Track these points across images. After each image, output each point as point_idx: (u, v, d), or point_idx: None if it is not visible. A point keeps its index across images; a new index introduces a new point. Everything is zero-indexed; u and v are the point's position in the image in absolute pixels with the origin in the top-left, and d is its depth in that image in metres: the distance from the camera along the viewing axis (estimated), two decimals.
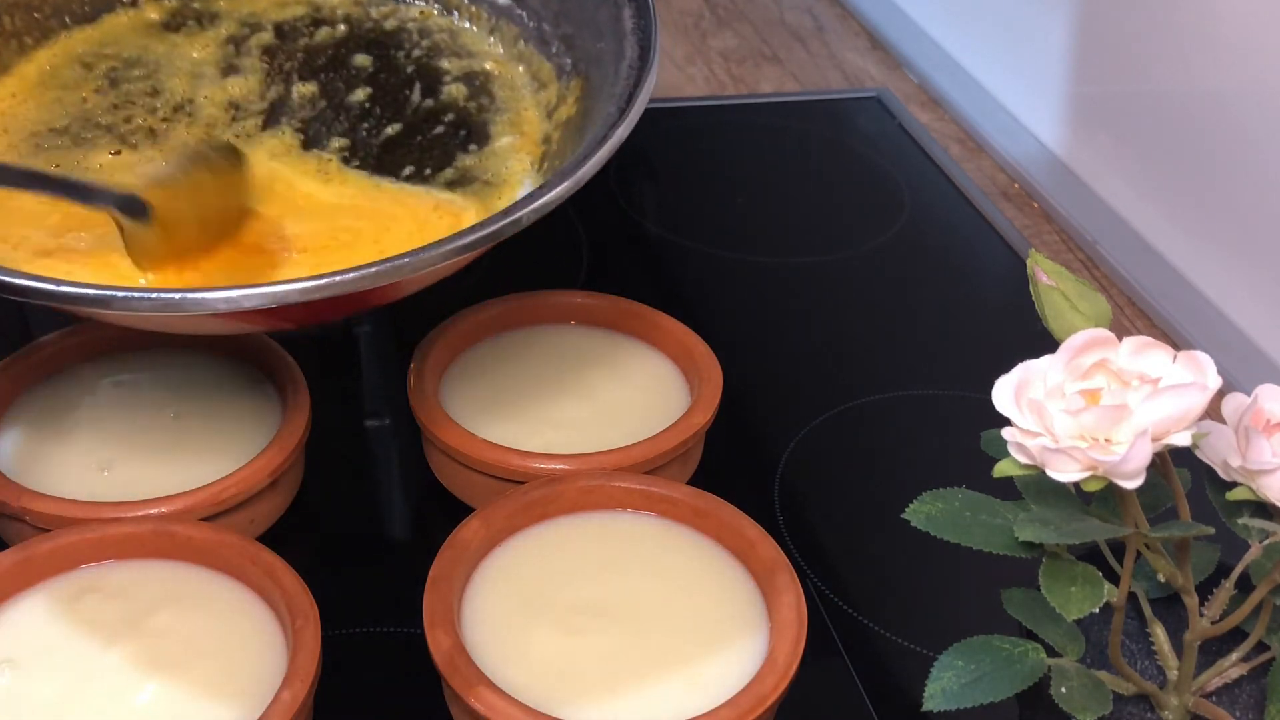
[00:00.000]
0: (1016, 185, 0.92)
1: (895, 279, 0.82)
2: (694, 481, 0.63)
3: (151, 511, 0.55)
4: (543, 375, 0.65)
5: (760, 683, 0.49)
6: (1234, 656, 0.45)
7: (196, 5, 0.74)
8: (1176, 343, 0.71)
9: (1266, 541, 0.42)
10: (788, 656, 0.50)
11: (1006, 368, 0.42)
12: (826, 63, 1.05)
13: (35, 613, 0.52)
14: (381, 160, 0.66)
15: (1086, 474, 0.40)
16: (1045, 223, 0.89)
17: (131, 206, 0.49)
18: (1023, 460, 0.41)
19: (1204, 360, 0.40)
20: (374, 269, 0.49)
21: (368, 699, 0.55)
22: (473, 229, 0.51)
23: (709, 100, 0.99)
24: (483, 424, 0.61)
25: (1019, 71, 0.95)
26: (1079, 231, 0.87)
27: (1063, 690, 0.43)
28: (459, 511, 0.57)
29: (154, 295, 0.49)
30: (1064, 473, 0.40)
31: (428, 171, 0.65)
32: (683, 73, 1.02)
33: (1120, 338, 0.41)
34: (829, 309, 0.79)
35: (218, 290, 0.48)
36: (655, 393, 0.65)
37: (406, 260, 0.49)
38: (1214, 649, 0.46)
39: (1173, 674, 0.45)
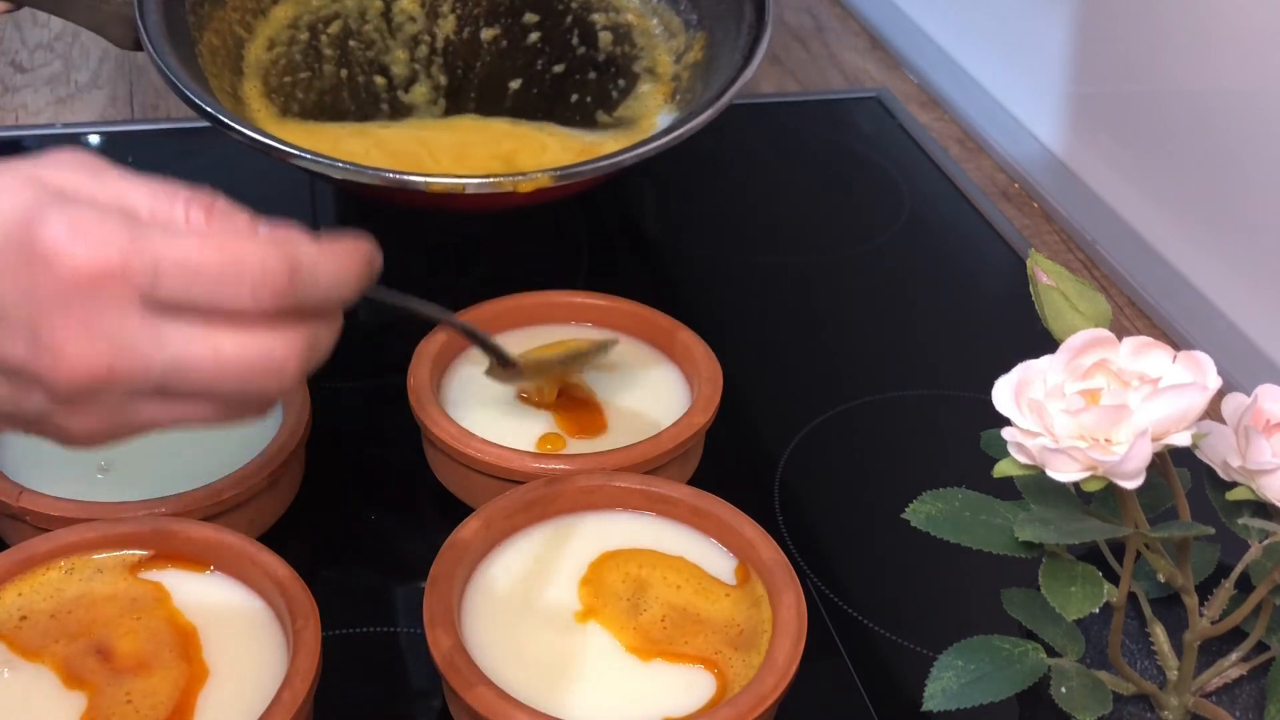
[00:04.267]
0: (1016, 185, 0.92)
1: (895, 279, 0.82)
2: (694, 481, 0.63)
3: (151, 512, 0.55)
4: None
5: (760, 683, 0.49)
6: (1234, 656, 0.45)
7: None
8: (1176, 343, 0.71)
9: (1266, 541, 0.42)
10: (788, 656, 0.50)
11: (1006, 368, 0.42)
12: (826, 63, 1.05)
13: None
14: (554, 96, 0.82)
15: (1086, 474, 0.40)
16: (1045, 223, 0.89)
17: (505, 361, 0.59)
18: (1023, 460, 0.41)
19: (1204, 360, 0.40)
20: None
21: (368, 699, 0.55)
22: (649, 139, 0.71)
23: None
24: (483, 424, 0.61)
25: (1019, 71, 0.95)
26: (1079, 231, 0.87)
27: (1063, 690, 0.43)
28: (459, 511, 0.57)
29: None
30: (1064, 473, 0.40)
31: (588, 99, 0.82)
32: None
33: (1120, 338, 0.41)
34: (829, 309, 0.79)
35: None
36: (655, 393, 0.65)
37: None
38: (1214, 649, 0.46)
39: (1173, 674, 0.45)
